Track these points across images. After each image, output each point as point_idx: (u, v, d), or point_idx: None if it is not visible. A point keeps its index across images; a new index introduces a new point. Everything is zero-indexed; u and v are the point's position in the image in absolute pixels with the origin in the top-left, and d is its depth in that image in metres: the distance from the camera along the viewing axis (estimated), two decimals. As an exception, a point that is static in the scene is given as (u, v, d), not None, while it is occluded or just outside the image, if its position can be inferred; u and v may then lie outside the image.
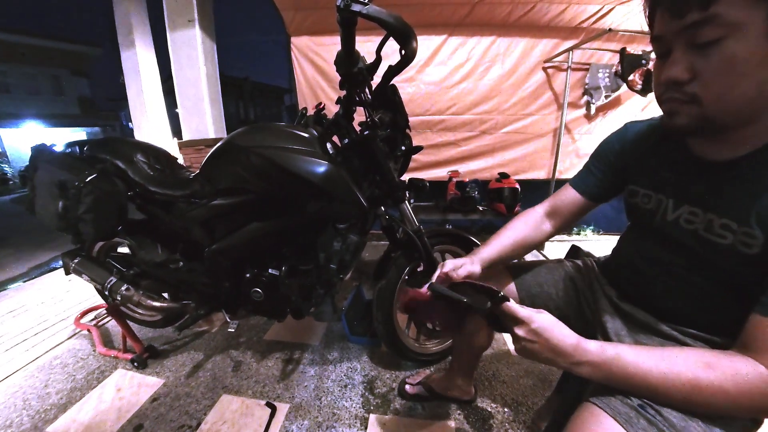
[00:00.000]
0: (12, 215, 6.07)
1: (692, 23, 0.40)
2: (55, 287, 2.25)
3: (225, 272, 1.16)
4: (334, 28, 0.82)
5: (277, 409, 1.15)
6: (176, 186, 1.20)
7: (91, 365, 1.45)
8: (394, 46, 0.82)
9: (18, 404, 1.26)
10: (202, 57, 2.71)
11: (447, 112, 2.71)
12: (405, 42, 0.79)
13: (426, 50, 2.57)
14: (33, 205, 1.39)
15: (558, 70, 2.61)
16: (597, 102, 2.56)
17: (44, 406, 1.24)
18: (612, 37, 2.39)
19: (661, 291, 0.59)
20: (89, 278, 1.40)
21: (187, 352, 1.50)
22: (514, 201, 2.41)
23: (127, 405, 1.22)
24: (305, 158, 0.94)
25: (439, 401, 1.14)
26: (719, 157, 0.49)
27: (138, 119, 3.16)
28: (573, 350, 0.47)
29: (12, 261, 3.34)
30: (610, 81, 2.48)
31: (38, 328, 1.77)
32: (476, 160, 2.83)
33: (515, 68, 2.61)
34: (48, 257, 3.34)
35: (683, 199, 0.54)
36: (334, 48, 0.83)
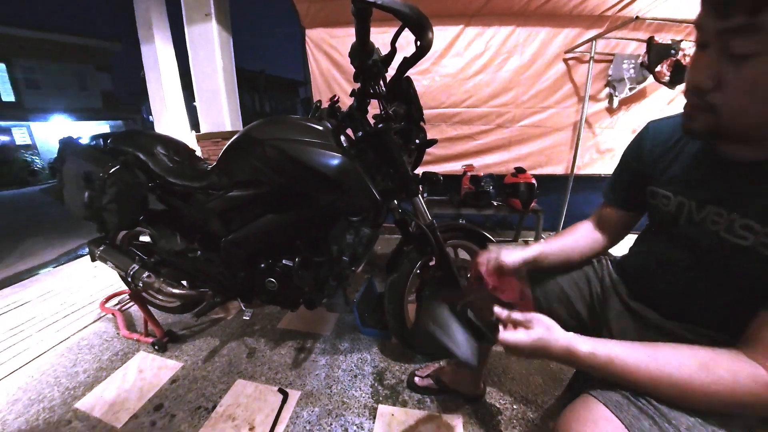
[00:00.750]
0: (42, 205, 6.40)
1: (735, 27, 0.37)
2: (82, 273, 2.37)
3: (241, 262, 1.20)
4: (349, 20, 0.82)
5: (288, 396, 1.19)
6: (194, 178, 1.24)
7: (115, 347, 1.53)
8: (410, 38, 0.81)
9: (50, 381, 1.35)
10: (218, 51, 2.75)
11: (462, 104, 2.66)
12: (420, 33, 0.78)
13: (442, 41, 2.52)
14: (62, 195, 1.47)
15: (579, 61, 2.51)
16: (620, 95, 2.45)
17: (73, 384, 1.33)
18: (639, 26, 2.28)
19: (674, 291, 0.59)
20: (113, 265, 1.48)
21: (205, 338, 1.56)
22: (530, 196, 2.37)
23: (148, 385, 1.29)
24: (319, 151, 0.94)
25: (448, 395, 1.15)
26: (742, 157, 0.48)
27: (158, 112, 3.26)
28: (564, 355, 0.49)
29: (42, 248, 3.54)
30: (636, 72, 2.36)
31: (67, 311, 1.87)
32: (492, 154, 2.77)
33: (534, 59, 2.53)
34: (76, 244, 3.52)
35: (706, 200, 0.53)
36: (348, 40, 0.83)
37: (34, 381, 1.35)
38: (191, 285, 1.42)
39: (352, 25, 0.80)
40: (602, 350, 0.47)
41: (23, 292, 2.13)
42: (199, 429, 1.09)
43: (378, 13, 0.74)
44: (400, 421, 1.08)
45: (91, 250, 1.53)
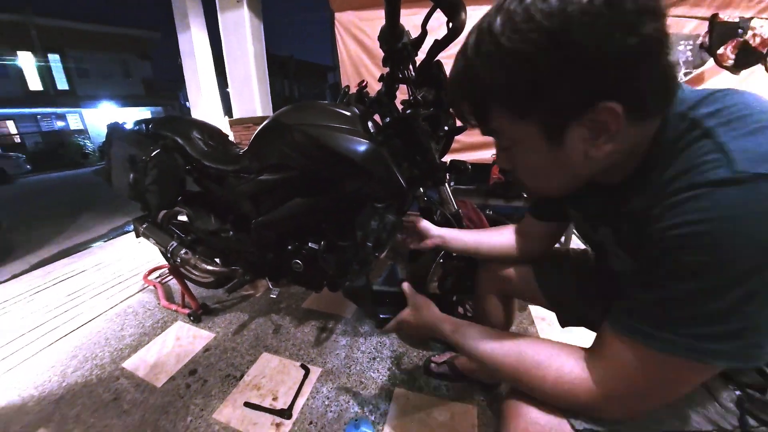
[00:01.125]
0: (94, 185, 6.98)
1: (486, 132, 0.43)
2: (128, 247, 2.58)
3: (269, 243, 1.25)
4: (379, 2, 0.81)
5: (310, 371, 1.25)
6: (227, 161, 1.29)
7: (156, 316, 1.68)
8: (442, 19, 0.78)
9: (101, 342, 1.51)
10: (250, 37, 2.80)
11: (495, 90, 2.54)
12: (453, 13, 0.75)
13: (475, 21, 2.40)
14: (110, 176, 1.59)
15: None
16: None
17: (120, 346, 1.47)
18: (700, 2, 2.04)
19: None
20: (154, 241, 1.60)
21: (235, 312, 1.66)
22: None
23: (184, 352, 1.41)
24: (346, 136, 0.95)
25: (463, 382, 1.16)
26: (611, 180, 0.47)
27: (194, 98, 3.40)
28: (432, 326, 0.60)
29: (94, 224, 3.89)
30: (693, 55, 2.13)
31: (115, 281, 2.06)
32: (523, 143, 2.65)
33: None
34: (122, 221, 3.84)
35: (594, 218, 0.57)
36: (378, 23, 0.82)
37: (88, 341, 1.52)
38: (224, 263, 1.50)
39: (382, 7, 0.79)
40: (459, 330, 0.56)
41: (79, 262, 2.37)
42: (227, 395, 1.18)
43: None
44: (415, 406, 1.10)
45: (136, 227, 1.66)
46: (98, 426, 1.09)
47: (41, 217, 4.37)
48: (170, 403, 1.16)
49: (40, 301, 1.87)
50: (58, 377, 1.32)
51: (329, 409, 1.11)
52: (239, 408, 1.12)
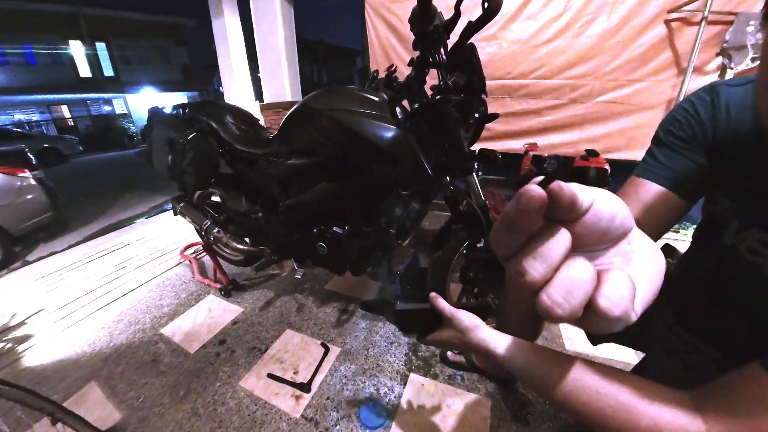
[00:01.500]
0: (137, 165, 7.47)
1: None
2: (167, 224, 2.76)
3: (296, 226, 1.29)
4: (412, -18, 0.78)
5: (330, 350, 1.30)
6: (258, 145, 1.33)
7: (190, 288, 1.80)
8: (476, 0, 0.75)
9: (142, 309, 1.65)
10: (280, 21, 2.81)
11: (531, 75, 2.40)
12: None
13: (513, 2, 2.25)
14: (151, 157, 1.70)
15: (686, 23, 2.04)
16: (738, 66, 1.94)
17: (159, 314, 1.61)
18: None
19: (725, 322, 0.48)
20: (190, 220, 1.70)
21: (262, 290, 1.75)
22: (600, 184, 2.12)
23: (215, 323, 1.51)
24: (373, 122, 0.95)
25: (479, 374, 1.16)
26: None
27: (227, 83, 3.50)
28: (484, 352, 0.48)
29: (137, 202, 4.20)
30: None
31: (155, 254, 2.23)
32: (560, 132, 2.48)
33: (626, 21, 2.12)
34: (162, 200, 4.11)
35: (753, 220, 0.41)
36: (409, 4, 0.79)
37: (132, 308, 1.67)
38: (253, 242, 1.57)
39: (415, -12, 0.77)
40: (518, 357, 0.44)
41: (124, 236, 2.58)
42: (252, 366, 1.26)
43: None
44: (429, 392, 1.12)
45: (174, 205, 1.77)
46: (139, 383, 1.21)
47: (92, 194, 4.78)
48: (201, 369, 1.26)
49: (91, 270, 2.07)
50: (106, 338, 1.47)
51: (346, 387, 1.15)
52: (263, 378, 1.20)
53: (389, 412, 1.05)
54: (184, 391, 1.17)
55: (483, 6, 0.76)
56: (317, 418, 1.05)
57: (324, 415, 1.06)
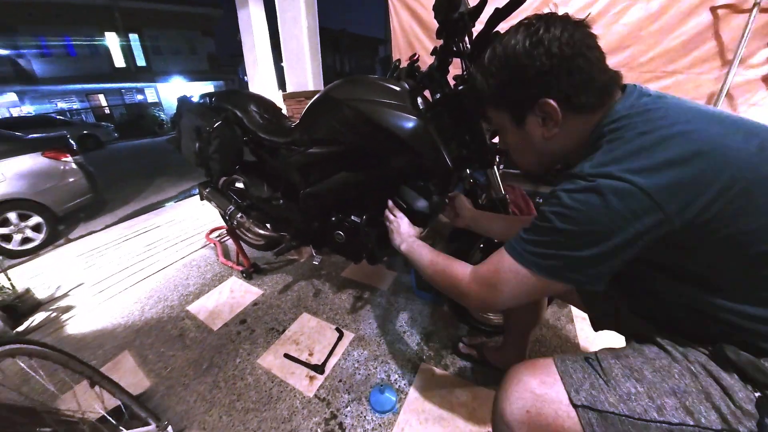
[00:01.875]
0: (167, 152, 7.82)
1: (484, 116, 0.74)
2: (194, 208, 2.89)
3: (315, 213, 1.32)
4: (437, -31, 0.76)
5: (344, 335, 1.34)
6: (280, 134, 1.35)
7: (215, 270, 1.89)
8: None
9: (170, 287, 1.75)
10: (303, 10, 2.80)
11: (559, 66, 2.28)
12: None
13: None
14: (179, 144, 1.76)
15: (735, 10, 1.83)
16: None
17: (186, 292, 1.70)
18: None
19: None
20: (215, 204, 1.77)
21: (281, 274, 1.81)
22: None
23: (237, 304, 1.58)
24: (394, 112, 0.94)
25: (489, 368, 1.16)
26: None
27: (251, 73, 3.56)
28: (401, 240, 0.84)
29: (167, 186, 4.40)
30: None
31: (183, 236, 2.34)
32: (586, 127, 2.37)
33: (667, 7, 1.94)
34: (189, 185, 4.29)
35: None
36: None
37: (161, 285, 1.77)
38: (274, 228, 1.61)
39: (440, -25, 0.75)
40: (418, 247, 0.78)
41: (155, 218, 2.72)
42: (270, 345, 1.32)
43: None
44: (439, 382, 1.13)
45: (200, 191, 1.84)
46: (167, 355, 1.30)
47: (126, 178, 5.05)
48: (223, 345, 1.33)
49: (126, 249, 2.21)
50: (138, 312, 1.57)
51: (358, 371, 1.18)
52: (279, 358, 1.25)
53: (398, 398, 1.08)
54: (207, 365, 1.24)
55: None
56: (329, 398, 1.09)
57: (336, 397, 1.10)
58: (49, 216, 2.60)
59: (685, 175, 0.43)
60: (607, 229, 0.45)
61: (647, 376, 0.49)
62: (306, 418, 1.03)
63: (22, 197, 2.45)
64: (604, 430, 0.47)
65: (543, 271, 0.50)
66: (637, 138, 0.46)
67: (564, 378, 0.52)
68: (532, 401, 0.51)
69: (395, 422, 1.01)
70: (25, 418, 0.65)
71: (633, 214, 0.43)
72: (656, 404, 0.47)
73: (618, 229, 0.44)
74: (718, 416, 0.45)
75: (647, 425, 0.46)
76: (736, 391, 0.45)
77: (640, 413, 0.46)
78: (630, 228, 0.44)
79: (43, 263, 2.11)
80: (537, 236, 0.51)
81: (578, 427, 0.48)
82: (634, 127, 0.47)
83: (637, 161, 0.44)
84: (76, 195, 2.81)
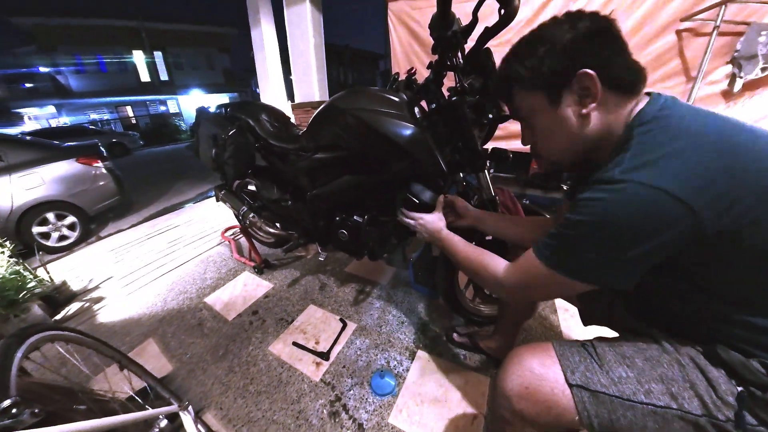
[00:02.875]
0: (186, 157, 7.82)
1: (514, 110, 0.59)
2: (210, 209, 2.89)
3: (321, 214, 1.31)
4: (432, -11, 0.75)
5: (347, 325, 1.33)
6: (289, 141, 1.35)
7: (229, 265, 1.89)
8: (494, 6, 0.72)
9: (189, 281, 1.75)
10: (311, 29, 2.80)
11: (544, 79, 2.27)
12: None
13: (529, 9, 2.13)
14: (198, 151, 1.76)
15: (695, 33, 1.85)
16: (747, 75, 1.74)
17: (203, 285, 1.70)
18: None
19: None
20: (230, 206, 1.76)
21: (289, 269, 1.81)
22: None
23: (249, 296, 1.58)
24: (393, 121, 0.93)
25: (481, 355, 1.15)
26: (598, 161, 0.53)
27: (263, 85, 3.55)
28: (435, 234, 0.81)
29: (187, 188, 4.40)
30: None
31: (201, 234, 2.34)
32: (569, 135, 2.35)
33: (638, 28, 1.96)
34: (206, 188, 4.29)
35: None
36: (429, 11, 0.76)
37: (181, 279, 1.77)
38: (283, 227, 1.61)
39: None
40: (452, 238, 0.76)
41: (176, 218, 2.73)
42: (280, 334, 1.31)
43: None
44: (434, 368, 1.13)
45: (216, 193, 1.84)
46: (187, 342, 1.30)
47: (149, 182, 5.05)
48: (237, 334, 1.33)
49: (150, 246, 2.21)
50: (161, 303, 1.57)
51: (360, 358, 1.18)
52: (288, 345, 1.25)
53: (397, 382, 1.08)
54: (222, 352, 1.24)
55: (500, 12, 0.72)
56: (334, 382, 1.09)
57: (340, 381, 1.09)
58: (82, 216, 2.62)
59: (719, 181, 0.39)
60: (637, 234, 0.41)
61: (638, 363, 0.49)
62: (313, 400, 1.03)
63: (59, 199, 2.48)
64: (595, 408, 0.48)
65: (571, 274, 0.48)
66: (669, 142, 0.42)
67: (562, 360, 0.52)
68: (530, 379, 0.52)
69: (394, 404, 1.00)
70: (64, 397, 0.66)
71: (664, 222, 0.40)
72: (644, 388, 0.47)
73: (648, 236, 0.41)
74: (701, 404, 0.45)
75: (634, 406, 0.46)
76: (721, 384, 0.45)
77: (629, 395, 0.47)
78: (661, 236, 0.40)
79: (77, 258, 2.12)
80: (565, 242, 0.48)
81: (572, 404, 0.49)
82: (666, 130, 0.43)
83: (670, 166, 0.40)
84: (106, 197, 2.82)
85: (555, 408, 0.49)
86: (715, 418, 0.44)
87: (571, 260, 0.48)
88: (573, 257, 0.47)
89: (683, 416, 0.45)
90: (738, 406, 0.43)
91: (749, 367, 0.44)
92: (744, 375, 0.44)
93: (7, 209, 2.26)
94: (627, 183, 0.41)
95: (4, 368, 0.52)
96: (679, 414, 0.45)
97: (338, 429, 0.94)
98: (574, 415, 0.48)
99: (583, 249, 0.46)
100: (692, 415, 0.44)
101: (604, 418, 0.47)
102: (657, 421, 0.45)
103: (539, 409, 0.50)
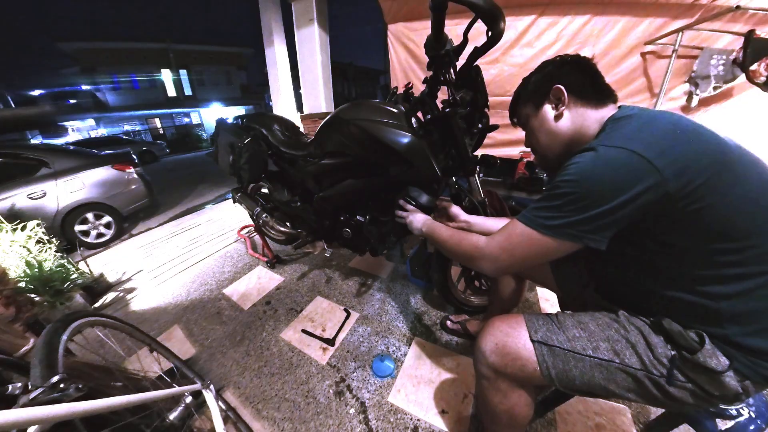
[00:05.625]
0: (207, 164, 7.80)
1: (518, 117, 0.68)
2: (228, 210, 2.89)
3: (327, 214, 1.30)
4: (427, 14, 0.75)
5: (351, 315, 1.33)
6: (298, 148, 1.34)
7: (245, 260, 1.88)
8: (482, 28, 0.71)
9: (209, 274, 1.74)
10: (318, 48, 2.80)
11: (527, 94, 2.27)
12: (492, 23, 0.68)
13: (513, 31, 2.12)
14: (217, 158, 1.75)
15: (658, 55, 1.87)
16: (702, 93, 1.78)
17: (222, 278, 1.69)
18: (737, 17, 1.59)
19: None
20: (245, 207, 1.75)
21: (298, 264, 1.80)
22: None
23: (263, 288, 1.57)
24: (392, 130, 0.93)
25: (472, 341, 1.15)
26: None
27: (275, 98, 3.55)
28: (422, 223, 0.81)
29: (207, 191, 4.39)
30: (725, 70, 1.66)
31: (219, 232, 2.34)
32: (550, 143, 2.35)
33: (607, 51, 1.97)
34: (224, 191, 4.28)
35: None
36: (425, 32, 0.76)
37: (202, 272, 1.76)
38: (292, 226, 1.61)
39: (429, 19, 0.74)
40: (435, 226, 0.75)
41: (198, 217, 2.72)
42: (290, 322, 1.31)
43: (453, 6, 0.66)
44: (429, 353, 1.12)
45: (233, 195, 1.83)
46: (208, 328, 1.29)
47: (175, 185, 5.05)
48: (252, 322, 1.32)
49: (175, 242, 2.21)
50: (185, 293, 1.56)
51: (362, 344, 1.17)
52: (298, 333, 1.24)
53: (396, 365, 1.07)
54: (239, 337, 1.23)
55: (487, 34, 0.72)
56: (339, 365, 1.08)
57: (344, 364, 1.09)
58: (116, 216, 2.63)
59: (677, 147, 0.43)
60: (608, 190, 0.43)
61: (590, 327, 0.54)
62: (320, 381, 1.02)
63: (97, 201, 2.50)
64: (552, 359, 0.53)
65: (549, 231, 0.49)
66: (639, 126, 0.47)
67: (528, 324, 0.57)
68: (500, 337, 0.57)
69: (393, 385, 1.00)
70: (103, 375, 0.67)
71: (633, 176, 0.42)
72: (593, 345, 0.52)
73: (618, 190, 0.43)
74: (639, 360, 0.49)
75: (583, 359, 0.51)
76: (658, 347, 0.49)
77: (580, 350, 0.52)
78: (630, 191, 0.42)
79: (113, 253, 2.12)
80: (546, 202, 0.50)
81: (533, 356, 0.54)
82: (639, 119, 0.48)
83: (638, 136, 0.44)
84: (137, 199, 2.83)
85: (519, 359, 0.54)
86: (651, 373, 0.48)
87: (549, 219, 0.49)
88: (551, 216, 0.49)
89: (624, 369, 0.49)
90: (670, 366, 0.47)
91: (685, 336, 0.47)
92: (679, 341, 0.47)
93: (54, 210, 2.28)
94: (599, 147, 0.46)
95: (53, 349, 0.53)
96: (621, 367, 0.49)
97: (343, 407, 0.94)
98: (535, 365, 0.53)
99: (561, 207, 0.48)
100: (632, 368, 0.49)
101: (559, 368, 0.52)
102: (602, 372, 0.50)
103: (507, 360, 0.55)
